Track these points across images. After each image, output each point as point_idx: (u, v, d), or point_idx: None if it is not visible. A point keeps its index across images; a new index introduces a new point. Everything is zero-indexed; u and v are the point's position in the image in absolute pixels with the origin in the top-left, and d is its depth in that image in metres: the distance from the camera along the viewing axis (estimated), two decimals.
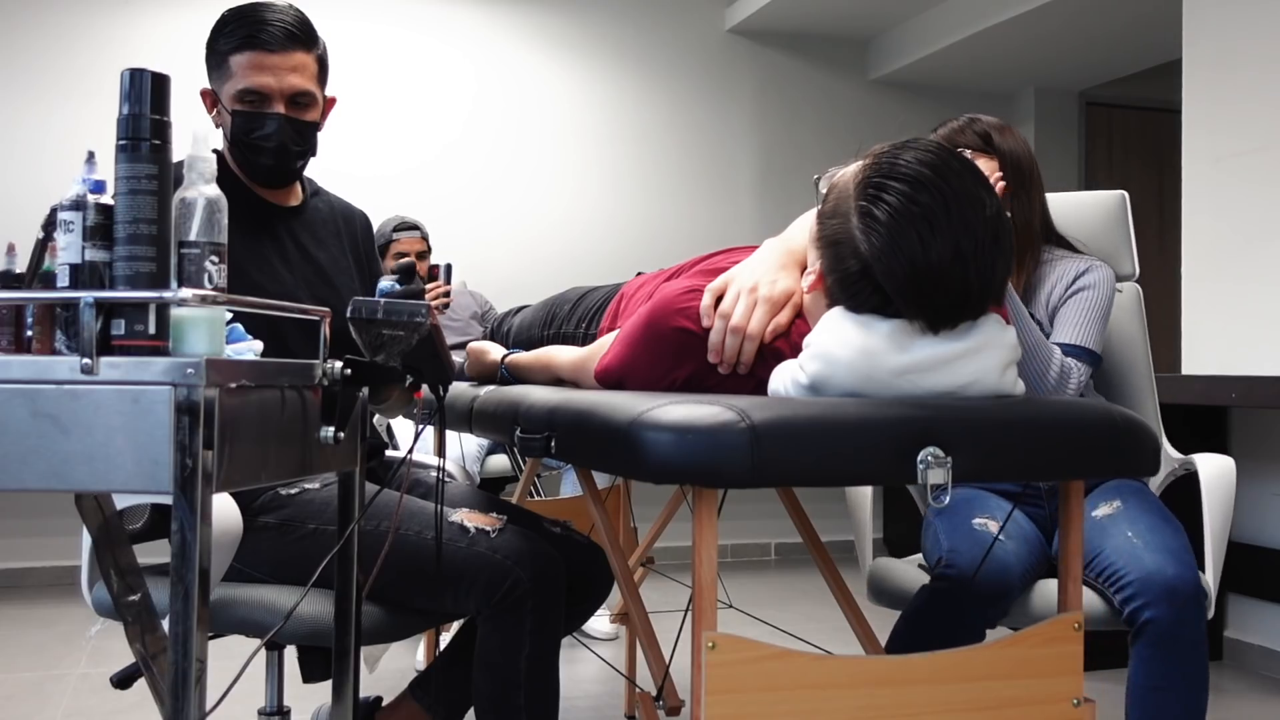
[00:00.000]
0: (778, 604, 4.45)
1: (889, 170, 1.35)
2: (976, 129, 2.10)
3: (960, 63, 5.71)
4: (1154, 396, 2.19)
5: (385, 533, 1.69)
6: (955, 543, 1.87)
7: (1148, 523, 1.87)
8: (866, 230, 1.34)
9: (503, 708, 1.71)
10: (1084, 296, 2.03)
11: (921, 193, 1.32)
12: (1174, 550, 1.80)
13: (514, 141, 5.54)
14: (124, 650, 1.51)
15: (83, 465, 1.07)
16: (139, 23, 5.02)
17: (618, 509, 2.76)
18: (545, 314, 2.24)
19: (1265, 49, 3.50)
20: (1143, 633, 1.74)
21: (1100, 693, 1.47)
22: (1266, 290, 3.46)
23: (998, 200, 1.38)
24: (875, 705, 1.27)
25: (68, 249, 1.18)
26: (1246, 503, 3.41)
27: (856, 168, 1.41)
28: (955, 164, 1.36)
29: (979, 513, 1.94)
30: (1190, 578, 1.75)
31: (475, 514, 1.76)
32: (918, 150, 1.37)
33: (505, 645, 1.69)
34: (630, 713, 2.91)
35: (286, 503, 1.76)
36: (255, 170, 1.93)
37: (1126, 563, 1.79)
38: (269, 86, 1.85)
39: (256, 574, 1.72)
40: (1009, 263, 1.39)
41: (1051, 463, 1.34)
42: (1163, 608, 1.72)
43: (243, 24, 1.86)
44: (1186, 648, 1.73)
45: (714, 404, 1.23)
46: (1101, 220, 2.22)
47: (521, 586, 1.67)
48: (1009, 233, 1.39)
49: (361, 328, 1.34)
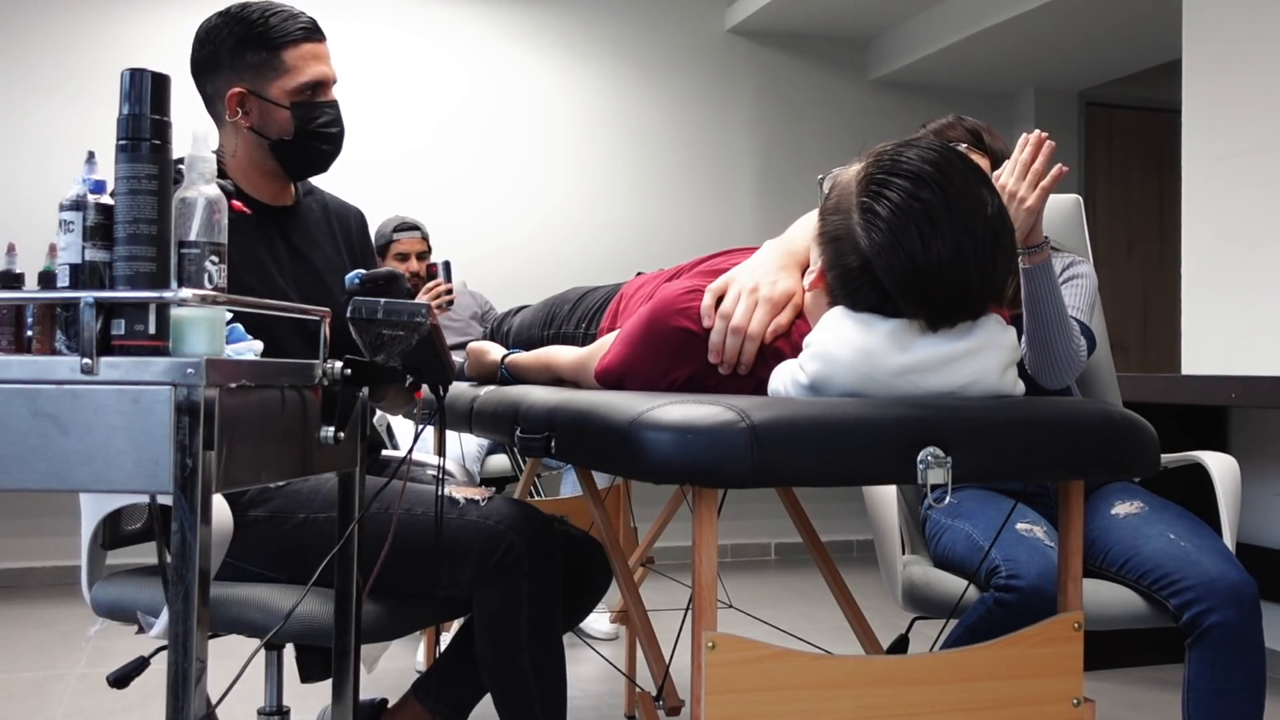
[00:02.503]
0: (778, 604, 4.45)
1: (891, 167, 1.36)
2: (966, 125, 2.12)
3: (960, 63, 5.71)
4: (1118, 395, 2.24)
5: (379, 516, 1.69)
6: (1013, 553, 1.81)
7: (1186, 525, 1.88)
8: (868, 226, 1.34)
9: (508, 672, 1.72)
10: (1076, 284, 2.07)
11: (923, 189, 1.32)
12: (1224, 553, 1.82)
13: (514, 142, 5.54)
14: (125, 650, 1.52)
15: (83, 465, 1.07)
16: (139, 23, 5.02)
17: (618, 509, 2.76)
18: (545, 314, 2.24)
19: (1265, 49, 3.50)
20: (1207, 636, 1.74)
21: (1100, 693, 1.47)
22: (1266, 290, 3.46)
23: (999, 199, 1.38)
24: (875, 705, 1.27)
25: (68, 249, 1.18)
26: (1247, 503, 3.41)
27: (860, 166, 1.41)
28: (958, 163, 1.37)
29: (1019, 519, 1.92)
30: (1251, 580, 1.77)
31: (464, 488, 1.80)
32: (920, 148, 1.37)
33: (504, 610, 1.70)
34: (630, 713, 2.91)
35: (274, 494, 1.77)
36: (310, 159, 1.93)
37: (1180, 566, 1.79)
38: (327, 75, 1.91)
39: (253, 568, 1.72)
40: (1009, 262, 1.39)
41: (1051, 463, 1.34)
42: (1229, 611, 1.73)
43: (287, 19, 1.87)
44: (1250, 650, 1.75)
45: (714, 404, 1.23)
46: (1059, 223, 2.27)
47: (516, 549, 1.69)
48: (1011, 232, 1.39)
49: (361, 328, 1.34)
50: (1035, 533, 1.87)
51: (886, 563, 2.08)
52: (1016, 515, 1.93)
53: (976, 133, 2.11)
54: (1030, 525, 1.90)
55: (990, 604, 1.81)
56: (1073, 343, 1.92)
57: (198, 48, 1.90)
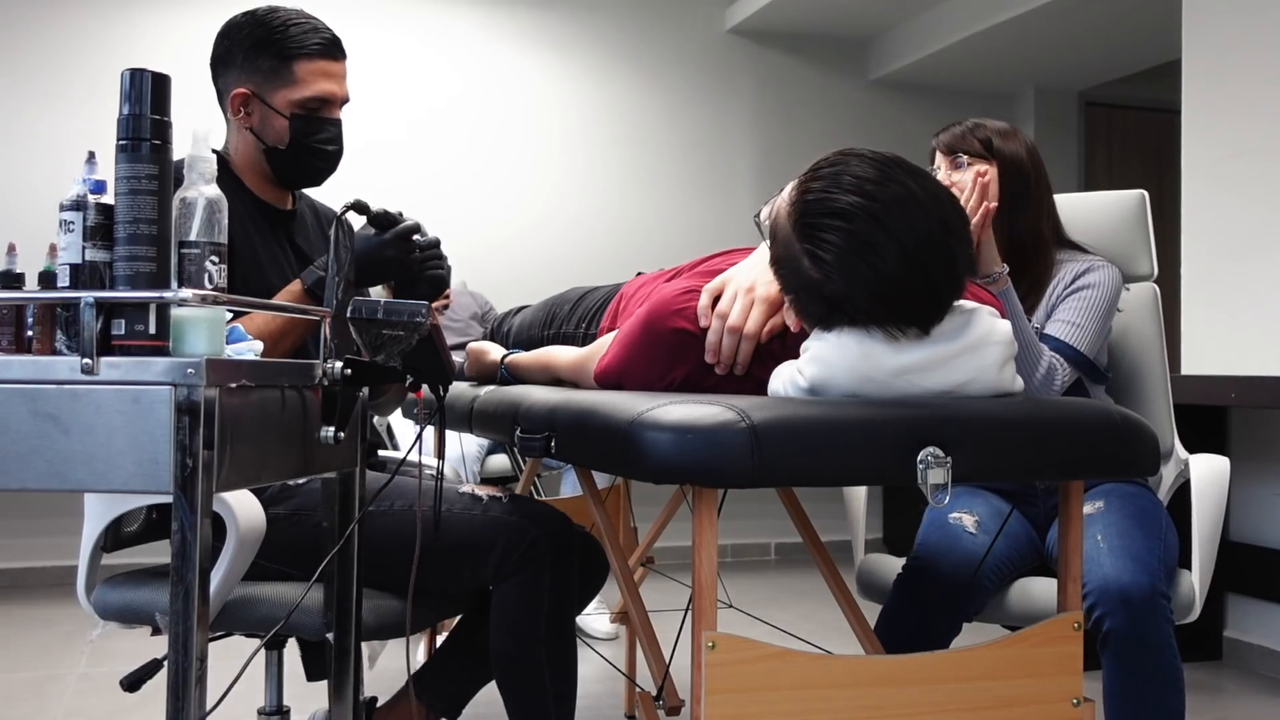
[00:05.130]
0: (778, 604, 4.45)
1: (821, 208, 1.35)
2: (979, 135, 2.05)
3: (960, 63, 5.71)
4: (1168, 397, 2.17)
5: (395, 513, 1.71)
6: (926, 535, 1.90)
7: (1121, 526, 1.84)
8: (823, 274, 1.34)
9: (524, 667, 1.73)
10: (1083, 295, 2.01)
11: (854, 222, 1.32)
12: (1135, 554, 1.77)
13: (514, 142, 5.54)
14: (124, 650, 1.52)
15: (83, 465, 1.07)
16: (139, 23, 5.02)
17: (618, 509, 2.77)
18: (545, 314, 2.24)
19: (1265, 50, 3.50)
20: (1107, 641, 1.72)
21: (1100, 693, 1.47)
22: (1266, 290, 3.46)
23: (934, 183, 1.37)
24: (875, 705, 1.27)
25: (68, 249, 1.18)
26: (1247, 503, 3.42)
27: (789, 205, 1.40)
28: (879, 172, 1.35)
29: (958, 507, 1.95)
30: (1145, 582, 1.72)
31: (483, 486, 1.84)
32: (847, 177, 1.35)
33: (527, 604, 1.72)
34: (630, 712, 2.91)
35: (295, 493, 1.78)
36: (302, 172, 1.94)
37: (1088, 570, 1.75)
38: (335, 94, 1.92)
39: (272, 566, 1.72)
40: (966, 239, 1.38)
41: (1051, 463, 1.34)
42: (1119, 616, 1.70)
43: (307, 31, 1.88)
44: (1151, 653, 1.71)
45: (714, 404, 1.23)
46: (1120, 220, 2.21)
47: (540, 544, 1.72)
48: (955, 207, 1.37)
49: (361, 328, 1.34)
50: (963, 521, 1.91)
51: (855, 556, 2.16)
52: (958, 504, 1.97)
53: (987, 140, 2.06)
54: (961, 514, 1.92)
55: (894, 586, 1.89)
56: (1037, 372, 1.90)
57: (218, 42, 1.92)
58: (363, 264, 1.73)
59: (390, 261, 1.78)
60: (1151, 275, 2.21)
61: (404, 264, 1.80)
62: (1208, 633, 3.49)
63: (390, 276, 1.82)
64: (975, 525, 1.91)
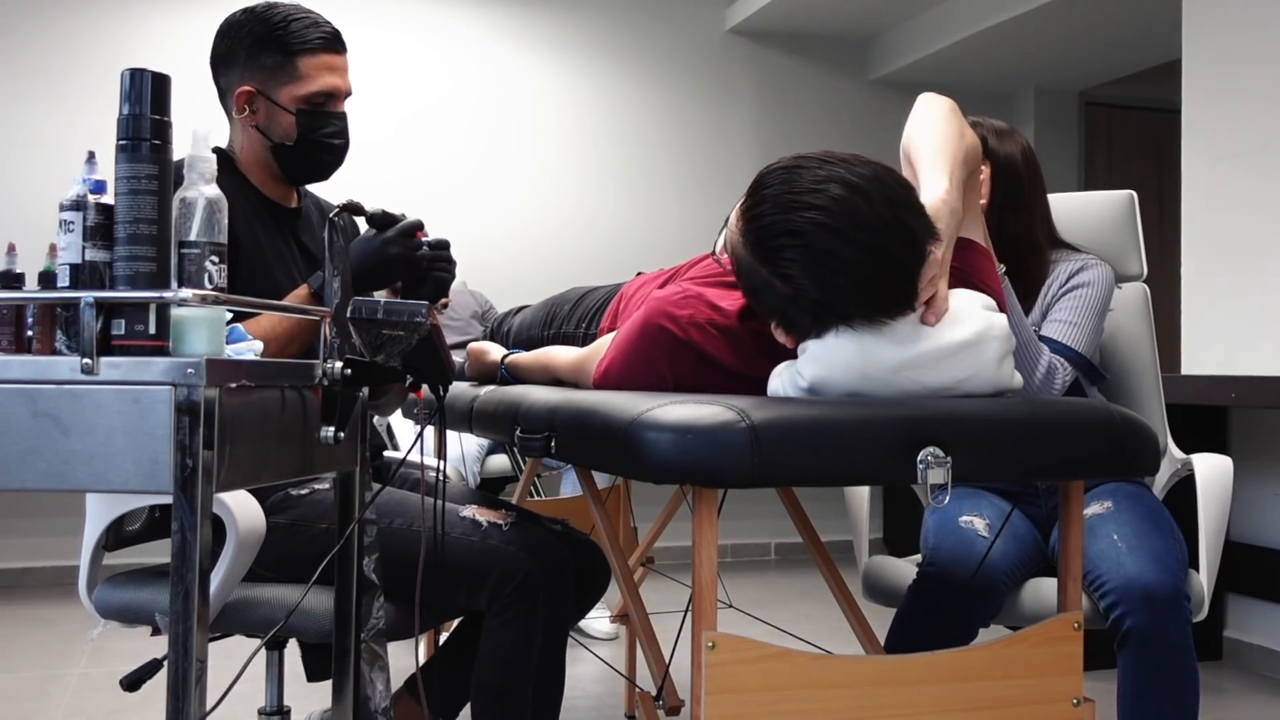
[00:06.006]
0: (778, 604, 4.45)
1: (772, 231, 1.35)
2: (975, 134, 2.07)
3: (960, 63, 5.71)
4: (1160, 396, 2.18)
5: (395, 530, 1.69)
6: (940, 540, 1.88)
7: (1135, 526, 1.85)
8: (796, 289, 1.34)
9: (510, 700, 1.71)
10: (1078, 294, 2.02)
11: (809, 238, 1.32)
12: (1156, 554, 1.78)
13: (514, 142, 5.55)
14: (125, 650, 1.52)
15: (83, 465, 1.07)
16: (139, 23, 5.02)
17: (618, 509, 2.76)
18: (545, 314, 2.24)
19: (1265, 49, 3.50)
20: (1127, 640, 1.73)
21: (1100, 693, 1.47)
22: (1266, 290, 3.46)
23: (866, 163, 1.36)
24: (875, 705, 1.27)
25: (68, 249, 1.18)
26: (1246, 503, 3.41)
27: (740, 235, 1.40)
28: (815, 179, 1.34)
29: (967, 510, 1.94)
30: (1169, 582, 1.73)
31: (486, 509, 1.79)
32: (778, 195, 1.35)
33: (519, 638, 1.69)
34: (630, 712, 2.91)
35: (296, 503, 1.77)
36: (310, 167, 1.93)
37: (1109, 568, 1.77)
38: (340, 88, 1.91)
39: (269, 574, 1.72)
40: (915, 205, 1.37)
41: (1051, 463, 1.34)
42: (1143, 615, 1.71)
43: (308, 26, 1.87)
44: (1171, 653, 1.72)
45: (714, 404, 1.23)
46: (1110, 220, 2.22)
47: (535, 578, 1.68)
48: (894, 179, 1.37)
49: (361, 328, 1.34)
50: (974, 524, 1.90)
51: (857, 557, 2.14)
52: (966, 506, 1.95)
53: (982, 139, 2.05)
54: (972, 517, 1.91)
55: (912, 591, 1.86)
56: (1037, 371, 1.91)
57: (218, 40, 1.91)
58: (368, 266, 1.72)
59: (396, 259, 1.75)
60: (1141, 275, 2.22)
61: (411, 260, 1.77)
62: (1208, 633, 3.49)
63: (398, 276, 1.78)
64: (987, 529, 1.90)
